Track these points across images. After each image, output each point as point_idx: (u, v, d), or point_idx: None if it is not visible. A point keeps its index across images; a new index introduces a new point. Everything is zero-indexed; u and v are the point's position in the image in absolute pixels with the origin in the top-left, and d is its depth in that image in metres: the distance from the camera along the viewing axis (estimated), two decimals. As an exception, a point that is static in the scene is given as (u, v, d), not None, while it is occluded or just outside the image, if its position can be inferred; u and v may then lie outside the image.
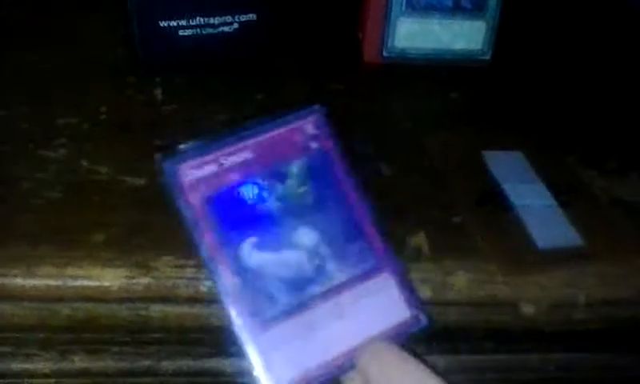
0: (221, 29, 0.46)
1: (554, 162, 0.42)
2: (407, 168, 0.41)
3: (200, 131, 0.41)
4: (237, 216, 0.28)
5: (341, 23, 0.54)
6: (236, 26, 0.46)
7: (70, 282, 0.32)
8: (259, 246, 0.28)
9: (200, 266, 0.33)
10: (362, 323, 0.27)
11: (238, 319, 0.27)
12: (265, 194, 0.29)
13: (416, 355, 0.26)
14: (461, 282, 0.34)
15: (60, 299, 0.32)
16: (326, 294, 0.27)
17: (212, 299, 0.33)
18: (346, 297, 0.28)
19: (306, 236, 0.29)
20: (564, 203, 0.39)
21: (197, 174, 0.28)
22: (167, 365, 0.37)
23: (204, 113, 0.44)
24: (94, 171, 0.38)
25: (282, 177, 0.29)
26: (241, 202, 0.28)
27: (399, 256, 0.30)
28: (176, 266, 0.33)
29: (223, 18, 0.46)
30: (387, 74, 0.50)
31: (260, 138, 0.29)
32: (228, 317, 0.27)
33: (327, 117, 0.31)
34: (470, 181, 0.40)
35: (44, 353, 0.37)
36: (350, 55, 0.51)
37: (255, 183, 0.29)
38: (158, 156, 0.28)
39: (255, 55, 0.48)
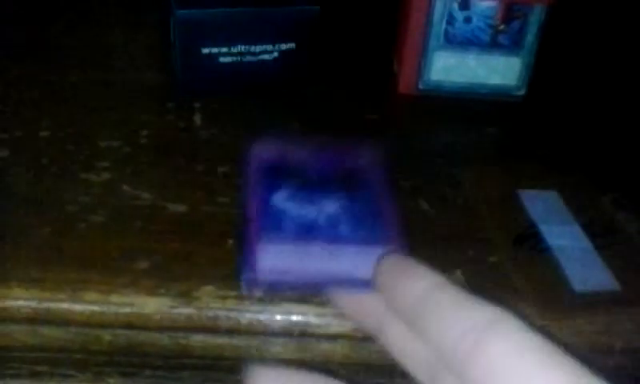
0: (261, 56, 0.47)
1: (589, 202, 0.42)
2: (442, 203, 0.41)
3: (238, 158, 0.43)
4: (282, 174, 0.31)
5: (377, 54, 0.54)
6: (275, 54, 0.47)
7: (114, 309, 0.33)
8: (289, 197, 0.30)
9: (242, 297, 0.33)
10: (352, 270, 0.27)
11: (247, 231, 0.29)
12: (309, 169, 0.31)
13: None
14: (498, 323, 0.34)
15: (103, 325, 0.33)
16: (330, 240, 0.29)
17: (253, 331, 0.33)
18: (348, 248, 0.28)
19: (330, 204, 0.30)
20: (600, 246, 0.39)
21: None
22: (200, 391, 0.37)
23: (242, 139, 0.44)
24: (135, 197, 0.39)
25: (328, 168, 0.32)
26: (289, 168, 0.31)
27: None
28: (218, 297, 0.33)
29: (264, 46, 0.46)
30: (422, 106, 0.50)
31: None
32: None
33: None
34: (506, 219, 0.40)
35: (79, 374, 0.37)
36: (385, 86, 0.51)
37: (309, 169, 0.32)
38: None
39: (293, 83, 0.49)
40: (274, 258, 0.28)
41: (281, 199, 0.31)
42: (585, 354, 0.35)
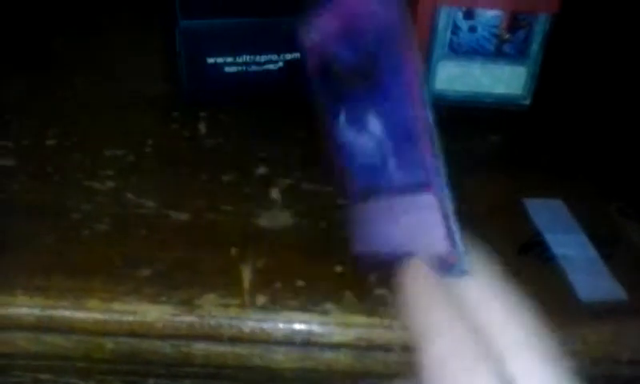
0: (266, 66, 0.47)
1: (595, 211, 0.42)
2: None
3: (242, 167, 0.43)
4: (334, 89, 0.28)
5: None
6: (281, 64, 0.47)
7: (117, 317, 0.33)
8: (348, 122, 0.28)
9: (244, 305, 0.33)
10: (403, 238, 0.26)
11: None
12: (350, 70, 0.28)
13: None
14: (502, 332, 0.34)
15: (106, 333, 0.33)
16: (386, 192, 0.26)
17: (255, 340, 0.33)
18: (397, 203, 0.26)
19: (374, 124, 0.28)
20: (606, 255, 0.38)
21: (311, 41, 0.28)
22: (203, 399, 0.37)
23: (246, 149, 0.45)
24: (139, 205, 0.39)
25: (358, 48, 0.28)
26: (336, 74, 0.28)
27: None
28: (220, 305, 0.33)
29: (269, 56, 0.46)
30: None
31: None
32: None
33: None
34: (511, 228, 0.40)
35: (82, 382, 0.37)
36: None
37: (344, 55, 0.28)
38: (301, 27, 0.29)
39: (298, 93, 0.49)
40: (364, 226, 0.27)
41: (342, 128, 0.28)
42: (592, 364, 0.34)
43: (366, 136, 0.27)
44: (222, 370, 0.36)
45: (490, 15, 0.47)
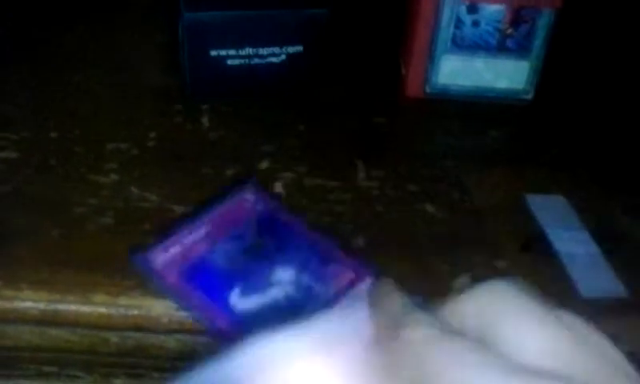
0: (269, 59, 0.47)
1: (597, 207, 0.42)
2: (449, 207, 0.41)
3: (245, 160, 0.43)
4: (214, 275, 0.32)
5: (385, 57, 0.54)
6: (283, 57, 0.47)
7: (122, 311, 0.33)
8: (245, 292, 0.31)
9: (249, 301, 0.34)
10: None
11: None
12: (231, 254, 0.33)
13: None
14: (505, 328, 0.34)
15: (111, 328, 0.33)
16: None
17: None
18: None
19: (284, 272, 0.31)
20: (608, 251, 0.39)
21: (165, 257, 0.33)
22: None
23: (249, 142, 0.45)
24: (143, 198, 0.39)
25: (240, 237, 0.34)
26: (213, 264, 0.33)
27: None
28: (225, 300, 0.33)
29: (272, 49, 0.46)
30: (429, 110, 0.50)
31: (211, 216, 0.35)
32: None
33: (260, 185, 0.37)
34: (513, 224, 0.40)
35: (87, 375, 0.38)
36: (392, 89, 0.51)
37: (220, 246, 0.33)
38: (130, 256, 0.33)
39: (301, 86, 0.49)
40: None
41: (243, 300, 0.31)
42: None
43: (274, 290, 0.31)
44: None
45: (493, 9, 0.47)
